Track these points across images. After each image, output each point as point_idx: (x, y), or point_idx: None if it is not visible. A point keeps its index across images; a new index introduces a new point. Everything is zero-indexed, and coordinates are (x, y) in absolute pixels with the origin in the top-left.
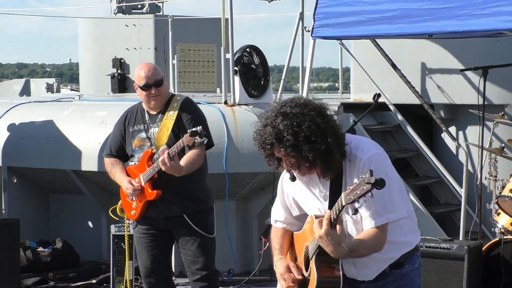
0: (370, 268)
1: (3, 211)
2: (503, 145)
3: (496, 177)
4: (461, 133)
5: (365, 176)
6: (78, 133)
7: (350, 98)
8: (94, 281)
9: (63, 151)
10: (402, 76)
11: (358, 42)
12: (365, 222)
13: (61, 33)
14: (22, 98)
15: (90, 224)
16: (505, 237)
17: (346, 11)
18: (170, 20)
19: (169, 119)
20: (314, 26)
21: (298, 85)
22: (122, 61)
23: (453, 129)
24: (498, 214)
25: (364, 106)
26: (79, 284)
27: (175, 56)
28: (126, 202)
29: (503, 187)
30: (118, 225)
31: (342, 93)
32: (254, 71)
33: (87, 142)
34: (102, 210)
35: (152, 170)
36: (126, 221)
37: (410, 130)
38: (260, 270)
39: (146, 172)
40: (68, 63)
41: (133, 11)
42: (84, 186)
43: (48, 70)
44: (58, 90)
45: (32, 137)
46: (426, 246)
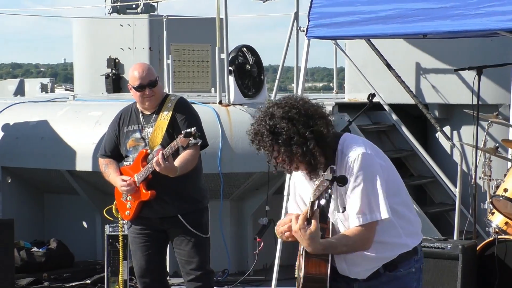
0: (361, 266)
1: None
2: (497, 144)
3: (490, 176)
4: (455, 133)
5: (326, 173)
6: (72, 133)
7: (344, 98)
8: (88, 281)
9: (58, 151)
10: (397, 76)
11: (352, 42)
12: (350, 220)
13: (55, 33)
14: (16, 98)
15: (85, 224)
16: (499, 236)
17: (341, 11)
18: (164, 20)
19: (163, 120)
20: (308, 26)
21: (293, 85)
22: (117, 61)
23: (447, 129)
24: (492, 213)
25: (358, 106)
26: (74, 284)
27: (170, 56)
28: (120, 203)
29: (497, 187)
30: (112, 225)
31: (337, 93)
32: (249, 71)
33: (82, 142)
34: (96, 210)
35: (146, 171)
36: (121, 221)
37: (404, 130)
38: (254, 270)
39: (140, 172)
40: (62, 63)
41: (127, 11)
42: (78, 186)
43: (42, 70)
44: (53, 90)
45: (26, 137)
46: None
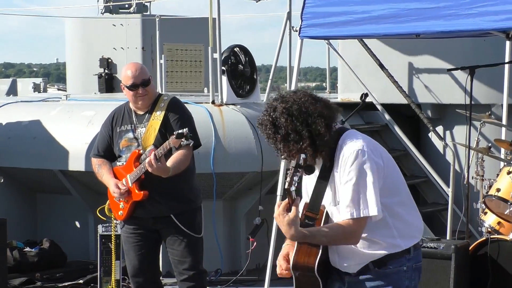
0: (350, 260)
1: None
2: (490, 144)
3: (483, 176)
4: (448, 132)
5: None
6: (65, 133)
7: (337, 98)
8: (81, 281)
9: (50, 151)
10: (390, 76)
11: (345, 42)
12: (340, 214)
13: (48, 32)
14: (8, 98)
15: (77, 224)
16: (492, 236)
17: (334, 11)
18: (157, 19)
19: (156, 120)
20: (301, 26)
21: (286, 84)
22: (110, 60)
23: (440, 128)
24: (485, 213)
25: (351, 105)
26: (66, 284)
27: (163, 55)
28: (113, 203)
29: (490, 187)
30: (105, 225)
31: (330, 92)
32: (242, 71)
33: (74, 142)
34: (89, 210)
35: (139, 171)
36: (114, 221)
37: (397, 129)
38: (247, 270)
39: (133, 173)
40: (55, 63)
41: (120, 11)
42: (71, 186)
43: (35, 69)
44: (45, 90)
45: (19, 137)
46: None
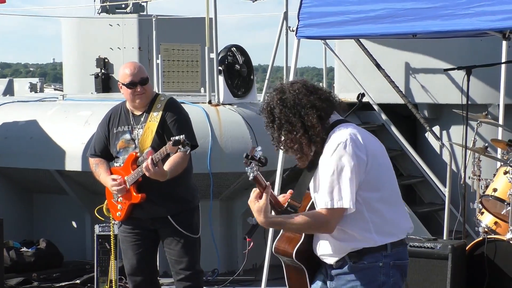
0: (328, 250)
1: None
2: (487, 144)
3: (479, 176)
4: (444, 132)
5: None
6: (61, 133)
7: None
8: (78, 281)
9: (47, 151)
10: (386, 76)
11: (342, 42)
12: (317, 203)
13: (44, 32)
14: (5, 98)
15: (74, 224)
16: (488, 236)
17: (331, 11)
18: (154, 19)
19: (153, 121)
20: (298, 26)
21: None
22: (106, 60)
23: (436, 128)
24: (482, 213)
25: (348, 105)
26: (63, 284)
27: (159, 55)
28: (111, 204)
29: (487, 187)
30: (102, 225)
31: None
32: (238, 71)
33: (71, 142)
34: (86, 210)
35: (136, 174)
36: (112, 221)
37: (394, 129)
38: (244, 270)
39: (130, 175)
40: (51, 63)
41: (117, 11)
42: (67, 186)
43: (31, 69)
44: (42, 90)
45: (15, 137)
46: (410, 246)
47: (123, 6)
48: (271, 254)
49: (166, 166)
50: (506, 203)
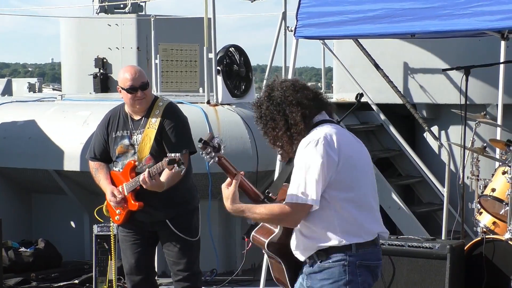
0: (298, 247)
1: None
2: (485, 144)
3: (478, 176)
4: (443, 132)
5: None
6: (60, 133)
7: (332, 98)
8: (76, 281)
9: (45, 151)
10: (385, 76)
11: (340, 42)
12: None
13: (43, 32)
14: (3, 98)
15: (73, 224)
16: (487, 236)
17: (329, 11)
18: (152, 19)
19: (151, 128)
20: (297, 26)
21: None
22: (105, 60)
23: (435, 128)
24: (480, 213)
25: (346, 105)
26: (62, 284)
27: (158, 55)
28: (110, 207)
29: (485, 187)
30: (100, 225)
31: (325, 92)
32: (237, 71)
33: (70, 142)
34: (84, 210)
35: (134, 183)
36: (111, 223)
37: (392, 129)
38: (243, 270)
39: (129, 183)
40: (50, 63)
41: (115, 11)
42: (66, 186)
43: (30, 69)
44: (40, 90)
45: (14, 137)
46: (409, 246)
47: (122, 6)
48: None
49: (163, 177)
50: (504, 203)
